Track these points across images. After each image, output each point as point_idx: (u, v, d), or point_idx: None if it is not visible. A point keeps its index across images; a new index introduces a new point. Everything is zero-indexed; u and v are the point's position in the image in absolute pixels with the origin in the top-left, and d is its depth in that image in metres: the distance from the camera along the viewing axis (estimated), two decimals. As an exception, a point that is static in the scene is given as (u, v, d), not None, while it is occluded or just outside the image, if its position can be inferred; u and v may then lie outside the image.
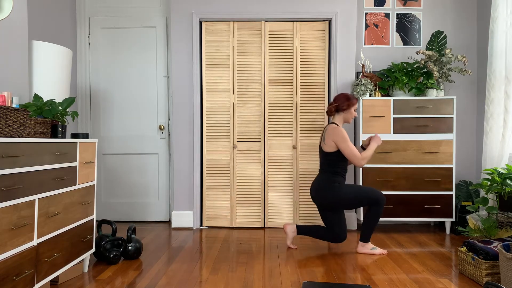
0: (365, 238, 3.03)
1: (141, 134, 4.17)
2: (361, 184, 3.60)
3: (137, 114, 4.16)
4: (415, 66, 3.70)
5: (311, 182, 3.83)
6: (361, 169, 3.60)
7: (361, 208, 3.60)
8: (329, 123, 3.22)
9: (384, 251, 3.03)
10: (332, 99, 3.80)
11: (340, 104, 3.06)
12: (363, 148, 3.19)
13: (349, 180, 3.82)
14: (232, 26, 3.87)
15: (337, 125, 3.04)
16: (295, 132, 3.85)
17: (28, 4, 3.25)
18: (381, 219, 3.64)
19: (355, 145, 3.82)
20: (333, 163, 3.02)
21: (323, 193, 2.99)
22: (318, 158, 3.83)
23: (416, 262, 2.83)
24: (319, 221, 3.83)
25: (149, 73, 4.14)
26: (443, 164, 3.59)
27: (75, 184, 2.43)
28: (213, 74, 3.90)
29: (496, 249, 2.40)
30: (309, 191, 3.79)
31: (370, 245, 3.04)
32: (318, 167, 3.83)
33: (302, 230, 3.14)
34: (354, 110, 3.10)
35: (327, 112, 3.13)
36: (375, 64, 4.04)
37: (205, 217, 3.90)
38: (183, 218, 3.88)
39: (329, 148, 3.01)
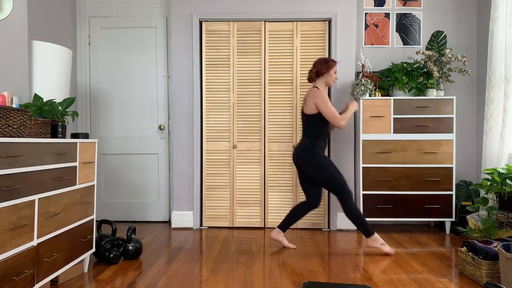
0: (368, 233, 3.00)
1: (141, 134, 4.17)
2: (361, 184, 3.61)
3: (137, 114, 4.16)
4: (415, 66, 3.70)
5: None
6: (361, 169, 3.60)
7: (361, 207, 3.61)
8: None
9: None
10: (331, 99, 3.81)
11: (320, 68, 3.11)
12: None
13: (348, 180, 3.82)
14: (232, 26, 3.87)
15: (318, 89, 3.09)
16: (295, 132, 3.85)
17: (28, 4, 3.25)
18: (381, 219, 3.64)
19: (355, 145, 3.82)
20: (314, 126, 3.08)
21: (304, 156, 3.05)
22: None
23: (416, 262, 2.83)
24: (320, 220, 3.83)
25: (149, 73, 4.14)
26: (443, 164, 3.59)
27: (75, 184, 2.43)
28: (213, 74, 3.89)
29: (496, 249, 2.40)
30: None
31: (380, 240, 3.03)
32: None
33: (284, 225, 3.20)
34: (334, 73, 3.14)
35: (308, 79, 3.18)
36: (375, 64, 4.04)
37: (205, 217, 3.90)
38: (183, 218, 3.88)
39: (310, 109, 3.07)
